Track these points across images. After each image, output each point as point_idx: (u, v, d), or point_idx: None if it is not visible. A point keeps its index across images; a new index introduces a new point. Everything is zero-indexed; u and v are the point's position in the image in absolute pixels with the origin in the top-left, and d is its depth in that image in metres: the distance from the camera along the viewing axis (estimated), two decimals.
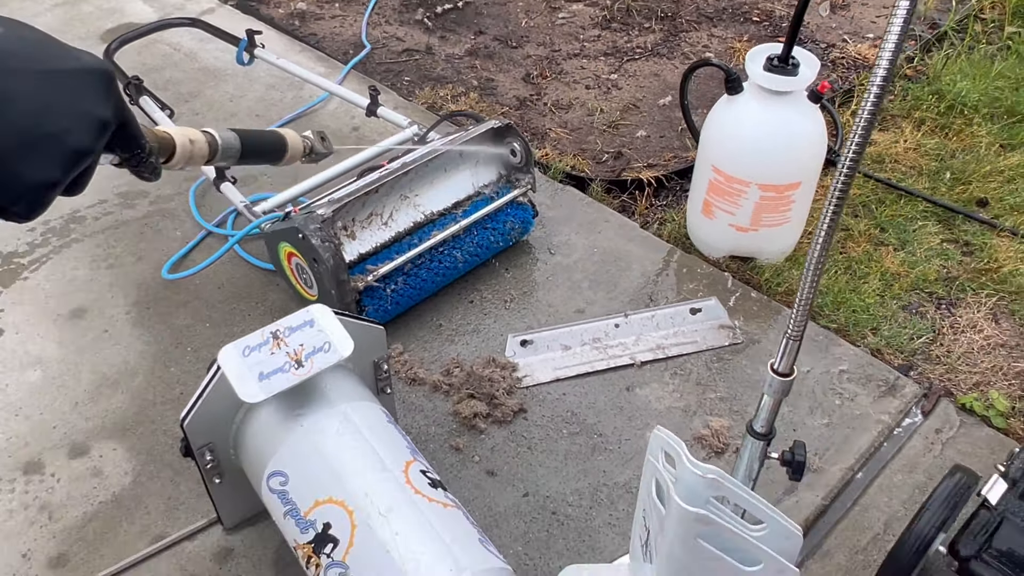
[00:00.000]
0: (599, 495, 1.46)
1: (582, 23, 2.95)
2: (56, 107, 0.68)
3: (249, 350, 1.19)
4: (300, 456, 1.17)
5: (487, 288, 1.85)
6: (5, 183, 0.67)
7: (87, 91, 0.71)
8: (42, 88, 0.68)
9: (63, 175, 0.70)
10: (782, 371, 0.91)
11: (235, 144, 1.13)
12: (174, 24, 2.48)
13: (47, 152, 0.68)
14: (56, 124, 0.68)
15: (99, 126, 0.72)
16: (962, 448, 1.55)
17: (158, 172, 0.95)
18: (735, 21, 2.96)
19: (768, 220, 1.82)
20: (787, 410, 1.60)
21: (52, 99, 0.68)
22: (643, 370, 1.67)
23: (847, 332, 1.79)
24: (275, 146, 1.23)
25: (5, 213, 0.70)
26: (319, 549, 1.10)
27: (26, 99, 0.66)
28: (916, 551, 1.20)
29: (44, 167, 0.68)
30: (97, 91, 0.72)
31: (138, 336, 1.73)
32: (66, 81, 0.70)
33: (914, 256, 1.97)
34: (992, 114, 2.41)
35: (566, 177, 2.18)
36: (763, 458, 1.01)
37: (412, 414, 1.59)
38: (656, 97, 2.58)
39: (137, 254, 1.93)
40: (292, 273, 1.71)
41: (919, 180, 2.20)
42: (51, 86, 0.68)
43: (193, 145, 1.05)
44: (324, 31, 2.87)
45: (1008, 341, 1.79)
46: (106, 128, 0.73)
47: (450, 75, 2.66)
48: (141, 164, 0.88)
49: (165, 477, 1.48)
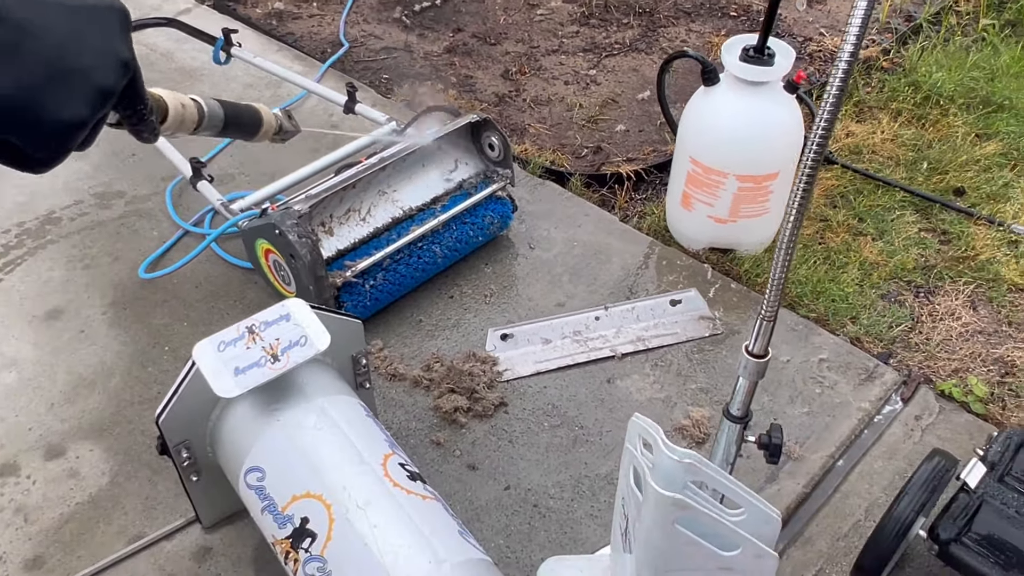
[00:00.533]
0: (581, 487, 1.46)
1: (560, 19, 2.95)
2: (82, 42, 0.66)
3: (224, 345, 1.18)
4: (277, 451, 1.16)
5: (467, 283, 1.85)
6: (32, 120, 0.63)
7: (111, 29, 0.68)
8: (69, 21, 0.65)
9: (91, 114, 0.67)
10: (756, 352, 0.91)
11: (219, 113, 1.13)
12: (150, 24, 2.46)
13: (75, 88, 0.65)
14: (83, 60, 0.65)
15: (122, 66, 0.70)
16: (941, 434, 1.56)
17: (157, 133, 0.91)
18: (713, 16, 2.97)
19: (747, 211, 1.82)
20: (768, 399, 1.61)
21: (78, 33, 0.65)
22: (624, 362, 1.67)
23: (827, 321, 1.79)
24: (253, 119, 1.23)
25: (24, 161, 0.66)
26: (297, 544, 1.09)
27: (53, 32, 0.64)
28: (896, 535, 1.21)
29: (72, 104, 0.65)
30: (119, 30, 0.69)
31: (115, 336, 1.72)
32: (91, 16, 0.67)
33: (892, 245, 1.98)
34: (968, 104, 2.42)
35: (546, 172, 2.18)
36: (740, 442, 1.01)
37: (393, 409, 1.58)
38: (635, 92, 2.58)
39: (114, 254, 1.91)
40: (270, 270, 1.70)
41: (897, 170, 2.21)
42: (77, 20, 0.66)
43: (184, 110, 1.04)
44: (302, 30, 2.86)
45: (986, 328, 1.80)
46: (128, 69, 0.71)
47: (429, 72, 2.65)
48: (142, 122, 0.84)
49: (143, 477, 1.47)
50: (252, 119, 1.22)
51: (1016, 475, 1.29)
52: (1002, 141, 2.29)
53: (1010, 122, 2.35)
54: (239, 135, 1.22)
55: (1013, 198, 2.11)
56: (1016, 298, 1.86)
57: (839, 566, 1.36)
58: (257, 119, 1.22)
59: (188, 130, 1.06)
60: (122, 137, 2.30)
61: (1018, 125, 2.34)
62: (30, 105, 0.63)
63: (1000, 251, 1.96)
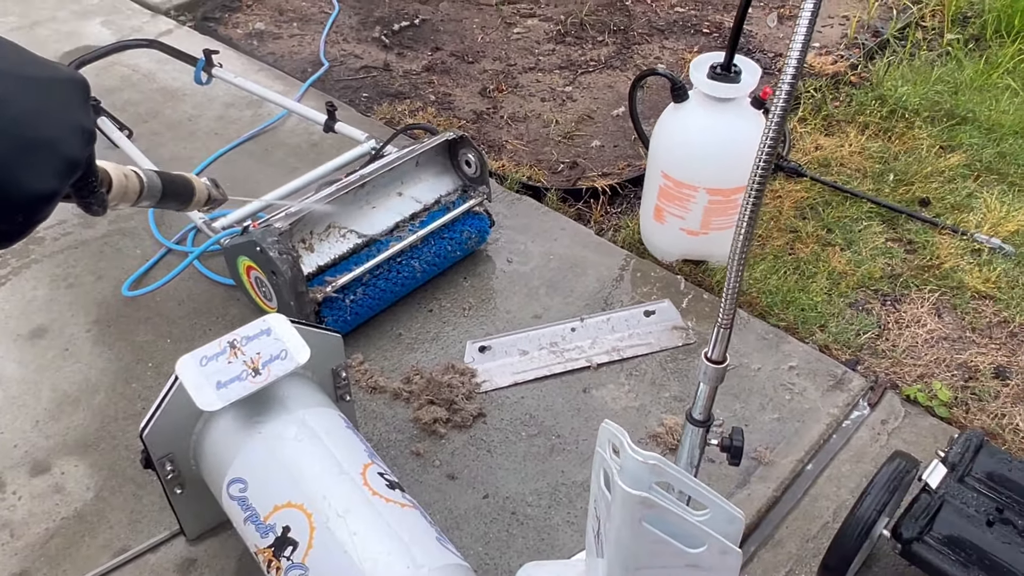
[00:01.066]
0: (558, 494, 1.50)
1: (537, 38, 3.00)
2: (47, 114, 0.65)
3: (207, 360, 1.21)
4: (259, 462, 1.19)
5: (446, 297, 1.88)
6: (4, 193, 0.61)
7: (73, 100, 0.68)
8: (31, 94, 0.64)
9: (59, 185, 0.65)
10: (715, 359, 0.95)
11: (157, 183, 1.12)
12: (132, 46, 2.50)
13: (43, 159, 0.64)
14: (49, 131, 0.64)
15: (87, 136, 0.69)
16: (907, 437, 1.61)
17: (106, 205, 0.90)
18: (686, 33, 3.04)
19: (717, 223, 1.87)
20: (739, 406, 1.65)
21: (42, 106, 0.64)
22: (599, 372, 1.71)
23: (796, 330, 1.84)
24: (187, 189, 1.22)
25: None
26: (279, 552, 1.12)
27: (17, 103, 0.62)
28: (859, 535, 1.25)
29: (41, 175, 0.64)
30: (81, 101, 0.69)
31: (99, 354, 1.74)
32: (52, 89, 0.66)
33: (860, 255, 2.04)
34: (932, 117, 2.49)
35: (523, 187, 2.23)
36: (703, 445, 1.05)
37: (373, 421, 1.61)
38: (610, 108, 2.64)
39: (97, 273, 1.93)
40: (252, 287, 1.73)
41: (864, 182, 2.27)
42: (40, 92, 0.65)
43: (127, 180, 1.03)
44: (282, 50, 2.90)
45: (951, 334, 1.86)
46: (92, 139, 0.70)
47: (408, 91, 2.70)
48: (92, 195, 0.82)
49: (127, 491, 1.49)
50: (186, 189, 1.22)
51: (976, 476, 1.34)
52: (965, 153, 2.36)
53: (973, 134, 2.42)
54: (174, 205, 1.22)
55: (976, 208, 2.18)
56: (979, 305, 1.92)
57: (808, 567, 1.40)
58: (190, 189, 1.23)
59: (130, 201, 1.05)
60: (107, 156, 2.32)
61: (981, 137, 2.41)
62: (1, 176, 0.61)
63: (964, 260, 2.02)
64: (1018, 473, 1.34)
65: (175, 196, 1.18)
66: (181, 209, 1.24)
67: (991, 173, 2.31)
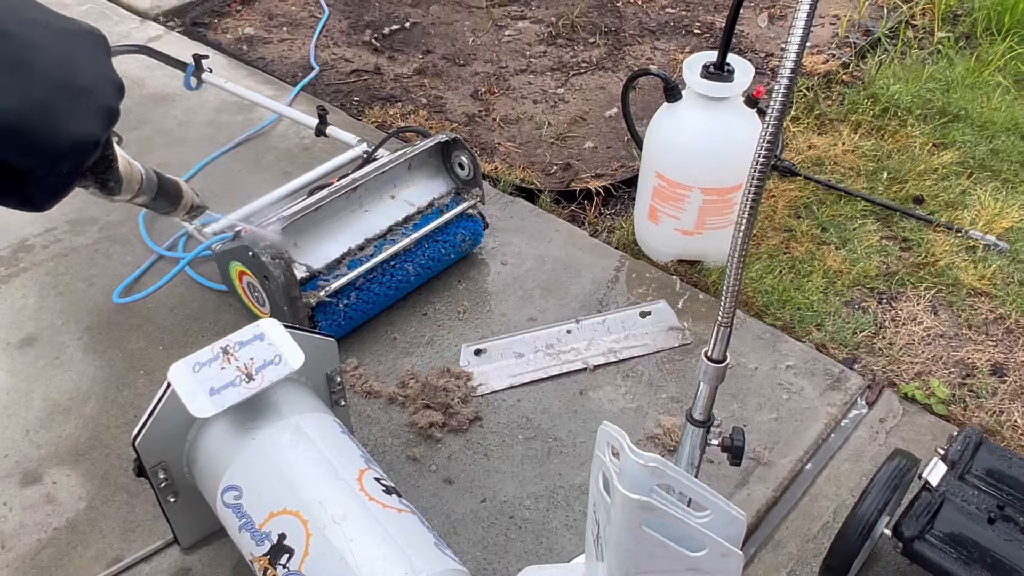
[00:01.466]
0: (556, 497, 1.48)
1: (528, 40, 3.00)
2: (80, 63, 0.64)
3: (199, 366, 1.20)
4: (253, 469, 1.18)
5: (440, 300, 1.87)
6: (46, 137, 0.61)
7: (98, 52, 0.67)
8: (63, 43, 0.63)
9: (100, 133, 0.65)
10: (715, 358, 0.94)
11: (154, 178, 1.11)
12: (120, 52, 2.48)
13: (85, 105, 0.63)
14: (85, 79, 0.64)
15: (118, 87, 0.68)
16: (905, 435, 1.60)
17: (120, 184, 0.89)
18: (677, 34, 3.03)
19: (712, 223, 1.87)
20: (737, 406, 1.64)
21: (74, 55, 0.64)
22: (595, 374, 1.70)
23: (792, 329, 1.84)
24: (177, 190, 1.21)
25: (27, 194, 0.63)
26: (275, 560, 1.10)
27: (53, 51, 0.62)
28: (860, 534, 1.24)
29: (85, 120, 0.63)
30: (105, 54, 0.68)
31: (90, 362, 1.72)
32: (80, 39, 0.65)
33: (855, 253, 2.03)
34: (925, 115, 2.49)
35: (516, 190, 2.22)
36: (704, 445, 1.04)
37: (368, 426, 1.60)
38: (602, 109, 2.63)
39: (88, 280, 1.92)
40: (244, 292, 1.72)
41: (858, 181, 2.27)
42: (69, 42, 0.64)
43: (131, 168, 1.03)
44: (273, 54, 2.89)
45: (947, 331, 1.85)
46: (122, 92, 0.69)
47: (399, 94, 2.69)
48: (109, 169, 0.83)
49: (120, 500, 1.47)
50: (176, 190, 1.22)
51: (976, 473, 1.34)
52: (959, 150, 2.36)
53: (966, 131, 2.42)
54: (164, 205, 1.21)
55: (970, 205, 2.17)
56: (975, 302, 1.91)
57: (809, 567, 1.40)
58: (179, 190, 1.23)
59: (131, 192, 1.05)
60: None
61: (973, 134, 2.42)
62: (44, 121, 0.61)
63: (959, 257, 2.01)
64: (1018, 469, 1.33)
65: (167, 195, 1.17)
66: (169, 212, 1.22)
67: (984, 170, 2.31)
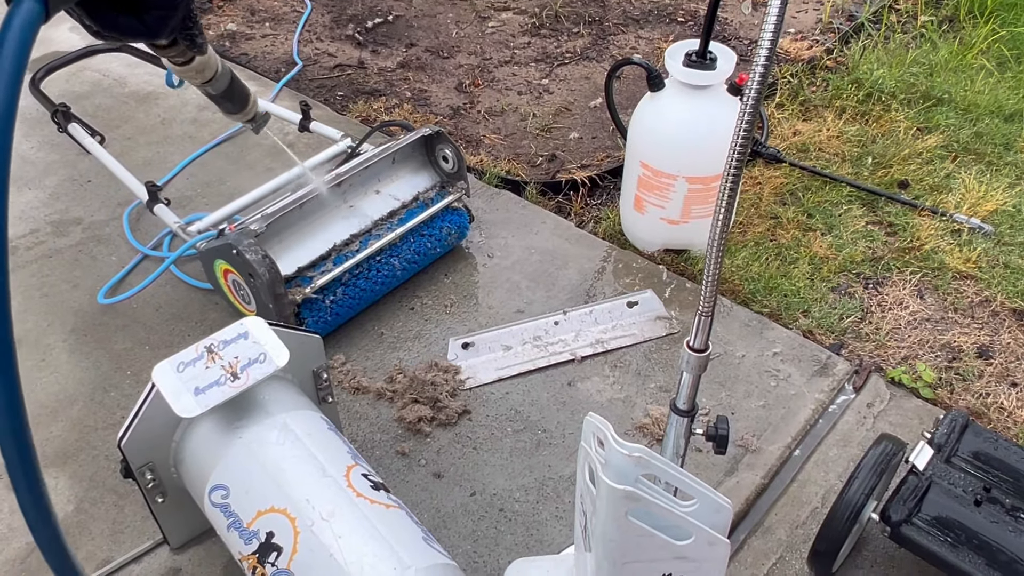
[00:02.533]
0: (545, 489, 1.49)
1: (512, 31, 2.99)
2: None
3: (184, 366, 1.19)
4: (240, 468, 1.17)
5: (427, 294, 1.87)
6: None
7: None
8: None
9: None
10: (697, 347, 0.94)
11: (228, 72, 1.22)
12: (102, 50, 2.46)
13: None
14: None
15: None
16: (893, 420, 1.61)
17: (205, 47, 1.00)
18: (661, 22, 3.03)
19: (698, 212, 1.87)
20: (725, 394, 1.64)
21: None
22: (583, 365, 1.70)
23: (779, 316, 1.84)
24: (245, 93, 1.33)
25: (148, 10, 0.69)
26: (263, 558, 1.10)
27: None
28: (848, 519, 1.24)
29: None
30: None
31: (76, 363, 1.72)
32: None
33: (841, 239, 2.04)
34: (909, 99, 2.50)
35: (502, 182, 2.21)
36: (688, 435, 1.04)
37: (357, 422, 1.59)
38: (587, 99, 2.63)
39: (72, 282, 1.91)
40: (230, 290, 1.71)
41: (843, 166, 2.27)
42: None
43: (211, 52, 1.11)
44: (255, 50, 2.87)
45: (933, 315, 1.86)
46: None
47: (383, 88, 2.68)
48: (196, 24, 0.90)
49: (109, 502, 1.47)
50: (245, 94, 1.35)
51: (962, 456, 1.34)
52: (943, 134, 2.36)
53: (949, 115, 2.43)
54: (230, 105, 1.34)
55: (955, 189, 2.18)
56: (960, 285, 1.92)
57: (799, 553, 1.40)
58: (247, 95, 1.35)
59: (206, 77, 1.13)
60: (79, 163, 2.29)
61: (957, 118, 2.42)
62: None
63: (944, 240, 2.02)
64: (1004, 452, 1.34)
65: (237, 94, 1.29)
66: (233, 113, 1.34)
67: (968, 153, 2.31)
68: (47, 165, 2.25)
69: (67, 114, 2.11)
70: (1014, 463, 1.33)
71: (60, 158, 2.27)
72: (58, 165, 2.25)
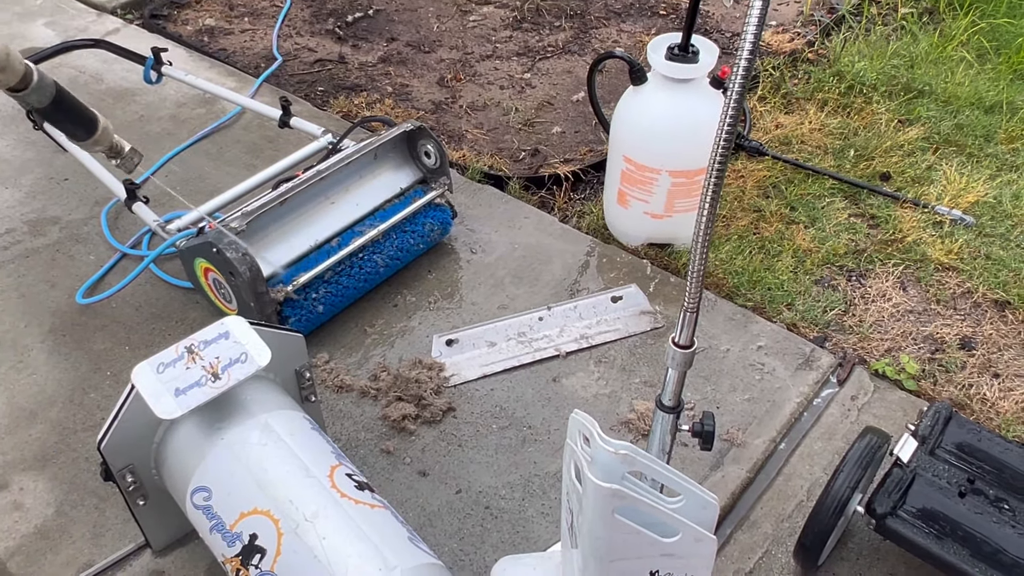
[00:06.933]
0: (531, 486, 1.48)
1: (493, 25, 2.97)
2: None
3: (164, 366, 1.17)
4: (222, 470, 1.16)
5: (411, 291, 1.86)
6: None
7: None
8: None
9: None
10: (682, 343, 0.93)
11: (50, 83, 1.05)
12: (77, 46, 2.43)
13: None
14: None
15: None
16: (877, 412, 1.61)
17: None
18: (643, 15, 3.02)
19: (681, 205, 1.86)
20: (710, 388, 1.64)
21: None
22: (568, 360, 1.70)
23: (763, 309, 1.84)
24: (87, 115, 1.14)
25: None
26: (247, 561, 1.09)
27: None
28: (833, 512, 1.25)
29: None
30: None
31: (55, 364, 1.69)
32: None
33: (824, 232, 2.04)
34: (890, 91, 2.50)
35: (484, 177, 2.20)
36: (674, 431, 1.04)
37: (341, 421, 1.58)
38: (569, 93, 2.62)
39: (50, 281, 1.88)
40: (210, 289, 1.69)
41: (825, 159, 2.27)
42: None
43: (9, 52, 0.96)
44: (234, 46, 2.84)
45: (916, 307, 1.86)
46: None
47: (364, 83, 2.66)
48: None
49: (90, 505, 1.45)
50: (86, 114, 1.13)
51: (946, 447, 1.35)
52: (924, 125, 2.37)
53: (930, 107, 2.44)
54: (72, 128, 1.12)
55: (936, 180, 2.19)
56: (943, 277, 1.93)
57: (785, 546, 1.40)
58: (93, 118, 1.14)
59: (9, 83, 0.96)
60: (55, 160, 2.26)
61: (938, 110, 2.43)
62: None
63: (926, 232, 2.03)
64: (987, 443, 1.35)
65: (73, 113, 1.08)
66: (82, 140, 1.15)
67: (949, 145, 2.32)
68: (23, 163, 2.21)
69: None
70: (997, 454, 1.33)
71: (36, 156, 2.24)
72: (34, 163, 2.21)
